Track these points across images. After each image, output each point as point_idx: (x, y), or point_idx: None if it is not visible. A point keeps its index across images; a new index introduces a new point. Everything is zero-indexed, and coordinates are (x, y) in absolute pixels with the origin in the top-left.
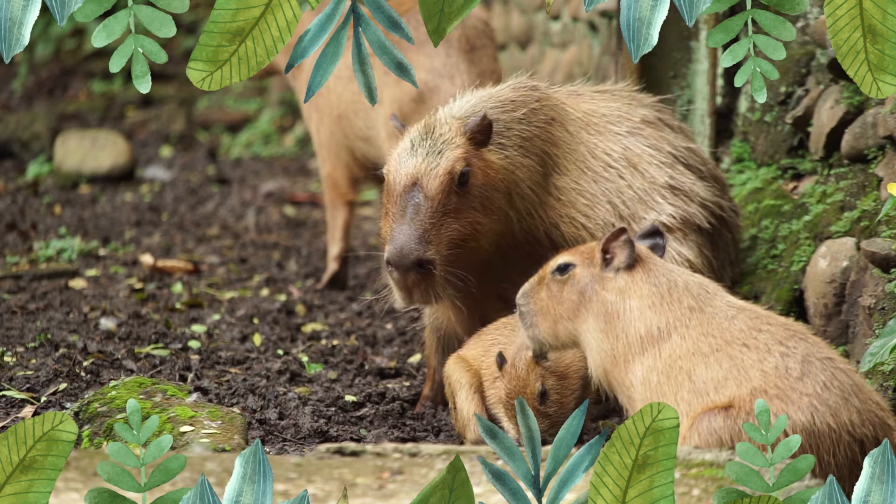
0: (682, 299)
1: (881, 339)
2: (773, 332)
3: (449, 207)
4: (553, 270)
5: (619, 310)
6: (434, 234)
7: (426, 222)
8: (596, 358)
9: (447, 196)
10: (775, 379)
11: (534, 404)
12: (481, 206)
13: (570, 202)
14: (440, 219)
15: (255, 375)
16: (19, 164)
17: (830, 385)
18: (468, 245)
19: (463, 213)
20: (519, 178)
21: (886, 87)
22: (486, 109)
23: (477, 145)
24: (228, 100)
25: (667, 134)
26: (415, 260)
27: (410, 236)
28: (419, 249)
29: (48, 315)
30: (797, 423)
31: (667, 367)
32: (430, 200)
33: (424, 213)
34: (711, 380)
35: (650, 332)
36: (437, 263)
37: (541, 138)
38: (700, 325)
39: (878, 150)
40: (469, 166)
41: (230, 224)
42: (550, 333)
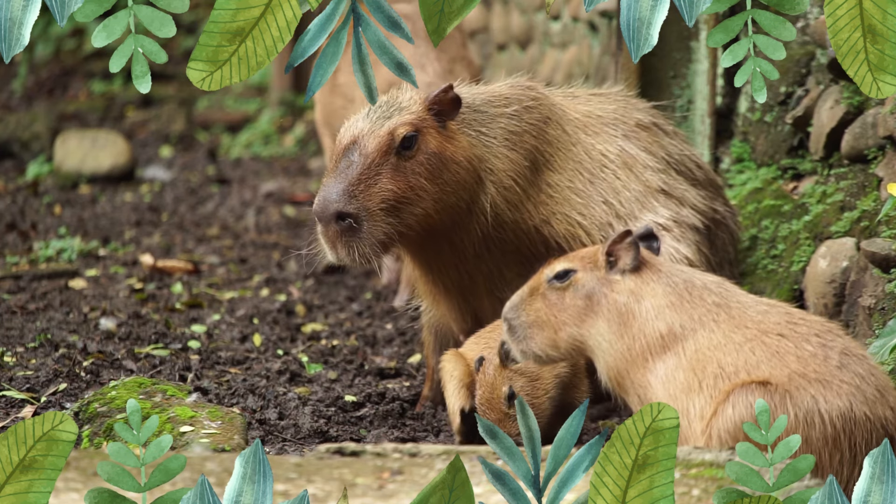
0: (706, 296)
1: (881, 339)
2: (810, 325)
3: (385, 167)
4: (550, 278)
5: (634, 311)
6: (362, 189)
7: (354, 178)
8: (609, 360)
9: (383, 156)
10: (814, 365)
11: (501, 407)
12: (429, 174)
13: (563, 200)
14: (373, 177)
15: (255, 375)
16: (19, 164)
17: (868, 379)
18: (407, 209)
19: (403, 175)
20: (497, 168)
21: (886, 87)
22: (475, 97)
23: (438, 116)
24: (228, 100)
25: (661, 139)
26: (334, 212)
27: (335, 189)
28: (340, 202)
29: (48, 315)
30: (835, 407)
31: (692, 362)
32: (364, 158)
33: (355, 169)
34: (744, 364)
35: (672, 331)
36: (363, 220)
37: (532, 135)
38: (730, 318)
39: (878, 150)
40: (418, 132)
41: (230, 224)
42: (549, 344)
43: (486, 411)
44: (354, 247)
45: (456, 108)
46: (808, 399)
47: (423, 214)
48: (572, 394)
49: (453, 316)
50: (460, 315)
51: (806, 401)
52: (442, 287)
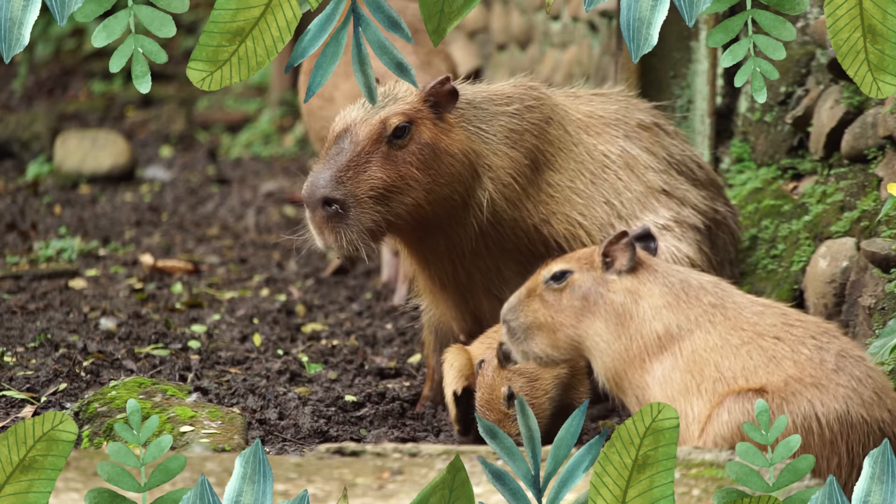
0: (702, 297)
1: (881, 339)
2: (806, 327)
3: (376, 156)
4: (547, 279)
5: (631, 311)
6: (350, 176)
7: (344, 164)
8: (607, 360)
9: (374, 144)
10: (810, 369)
11: (501, 408)
12: (422, 164)
13: (564, 200)
14: (363, 165)
15: (255, 375)
16: (19, 164)
17: (865, 381)
18: (397, 198)
19: (393, 164)
20: (496, 164)
21: (886, 87)
22: (476, 94)
23: (434, 108)
24: (228, 100)
25: (662, 139)
26: (321, 197)
27: (323, 175)
28: (327, 187)
29: (48, 315)
30: (832, 410)
31: (689, 363)
32: (354, 145)
33: (345, 156)
34: (742, 369)
35: (669, 332)
36: (350, 206)
37: (532, 134)
38: (726, 319)
39: (878, 150)
40: (411, 122)
41: (230, 224)
42: (549, 344)
43: (486, 412)
44: (342, 233)
45: (452, 100)
46: (804, 404)
47: (414, 205)
48: (572, 394)
49: (452, 314)
50: (460, 314)
51: (802, 406)
52: (440, 284)
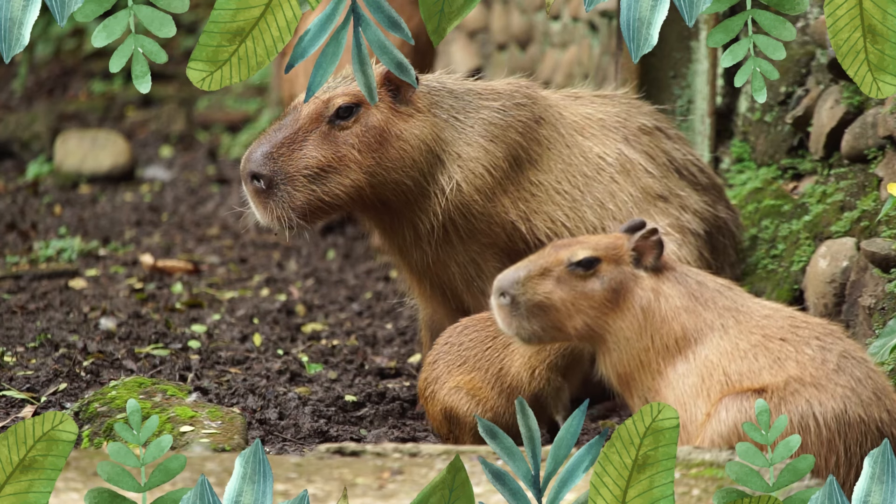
0: (717, 300)
1: (881, 339)
2: (812, 328)
3: (314, 135)
4: (572, 263)
5: (655, 310)
6: (283, 153)
7: (279, 141)
8: (623, 356)
9: (314, 123)
10: (811, 369)
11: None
12: (364, 146)
13: (548, 199)
14: (299, 143)
15: (255, 375)
16: (19, 164)
17: (865, 382)
18: (334, 179)
19: (332, 145)
20: (467, 154)
21: (886, 87)
22: (461, 86)
23: (393, 93)
24: (228, 100)
25: (663, 143)
26: (248, 172)
27: (258, 150)
28: (255, 162)
29: (48, 315)
30: (829, 409)
31: (701, 367)
32: (294, 122)
33: (283, 132)
34: (748, 371)
35: (686, 334)
36: (278, 182)
37: (517, 131)
38: (738, 323)
39: (878, 150)
40: (360, 104)
41: (230, 224)
42: (553, 327)
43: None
44: (272, 208)
45: (411, 87)
46: (802, 403)
47: (353, 186)
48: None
49: (442, 311)
50: (448, 311)
51: (800, 405)
52: (417, 276)
